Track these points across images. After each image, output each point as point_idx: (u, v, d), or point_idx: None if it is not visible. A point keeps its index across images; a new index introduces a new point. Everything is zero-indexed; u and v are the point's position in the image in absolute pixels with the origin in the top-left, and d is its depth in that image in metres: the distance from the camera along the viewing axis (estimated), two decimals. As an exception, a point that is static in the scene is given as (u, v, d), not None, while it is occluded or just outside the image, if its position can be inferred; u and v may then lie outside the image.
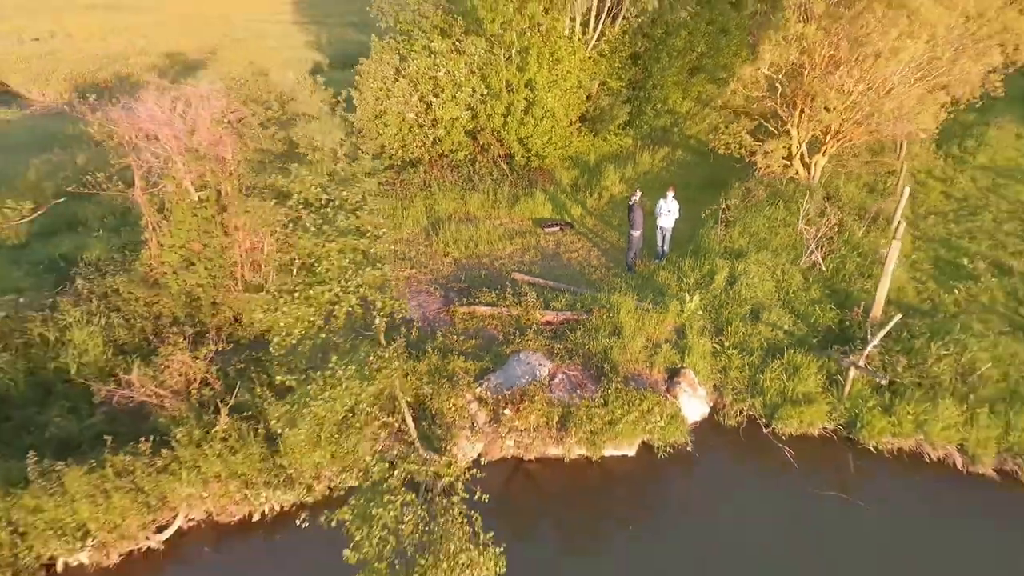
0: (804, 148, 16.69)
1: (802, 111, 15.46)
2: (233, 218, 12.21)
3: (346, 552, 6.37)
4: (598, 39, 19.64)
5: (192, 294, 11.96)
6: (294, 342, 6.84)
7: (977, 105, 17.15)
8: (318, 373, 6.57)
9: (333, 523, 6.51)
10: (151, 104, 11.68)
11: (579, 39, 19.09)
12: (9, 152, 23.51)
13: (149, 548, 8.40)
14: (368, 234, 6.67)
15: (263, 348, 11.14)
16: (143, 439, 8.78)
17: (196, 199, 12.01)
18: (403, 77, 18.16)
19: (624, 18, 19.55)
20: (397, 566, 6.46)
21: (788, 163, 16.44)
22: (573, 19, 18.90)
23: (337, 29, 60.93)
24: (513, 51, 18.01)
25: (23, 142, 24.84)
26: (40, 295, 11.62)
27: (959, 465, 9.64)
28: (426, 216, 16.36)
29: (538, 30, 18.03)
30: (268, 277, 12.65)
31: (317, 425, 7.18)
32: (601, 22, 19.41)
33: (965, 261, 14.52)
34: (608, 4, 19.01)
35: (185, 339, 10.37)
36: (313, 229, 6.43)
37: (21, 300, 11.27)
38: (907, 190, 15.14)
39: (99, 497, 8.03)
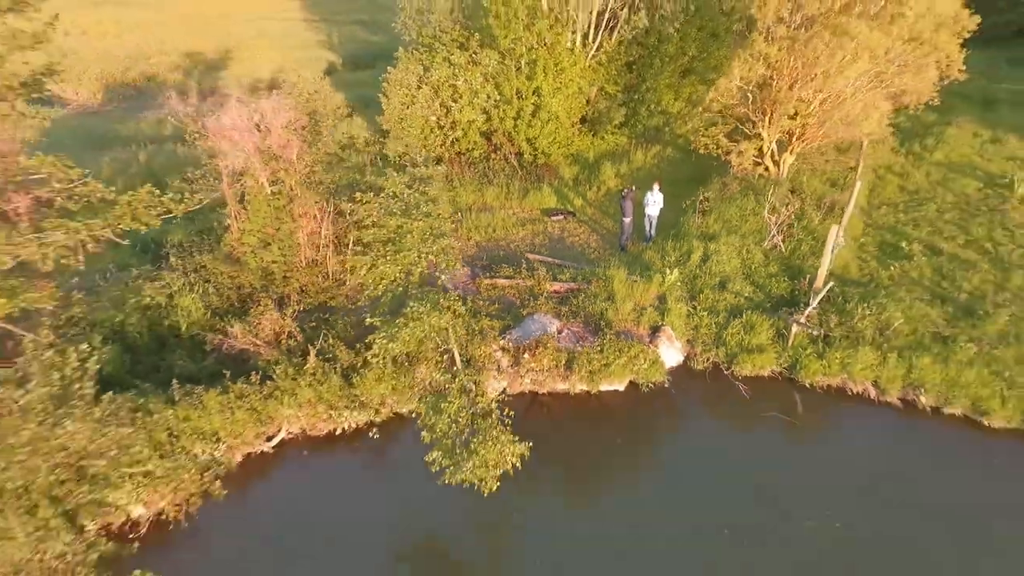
0: (774, 148, 19.64)
1: (771, 117, 18.39)
2: (298, 207, 15.16)
3: (424, 433, 9.41)
4: (597, 50, 22.56)
5: (267, 269, 14.92)
6: (379, 293, 9.84)
7: (934, 105, 20.12)
8: (407, 308, 9.55)
9: (412, 414, 9.53)
10: (234, 114, 14.60)
11: (580, 51, 22.01)
12: (67, 150, 26.32)
13: (262, 452, 11.41)
14: (437, 215, 9.64)
15: (328, 311, 14.19)
16: (251, 374, 11.76)
17: (269, 192, 14.97)
18: (426, 85, 21.04)
19: (620, 31, 22.43)
20: (456, 446, 9.48)
21: (759, 161, 19.41)
22: (575, 33, 21.80)
23: (345, 28, 63.29)
24: (522, 62, 20.91)
25: (78, 141, 27.61)
26: (146, 270, 14.58)
27: (872, 396, 12.68)
28: (450, 206, 19.27)
29: (544, 44, 20.91)
30: (326, 256, 15.67)
31: (394, 355, 10.22)
32: (599, 35, 22.32)
33: (903, 244, 17.51)
34: (606, 20, 21.90)
35: (273, 302, 13.35)
36: (398, 213, 9.40)
37: (135, 272, 14.23)
38: (859, 183, 18.15)
39: (227, 412, 11.02)
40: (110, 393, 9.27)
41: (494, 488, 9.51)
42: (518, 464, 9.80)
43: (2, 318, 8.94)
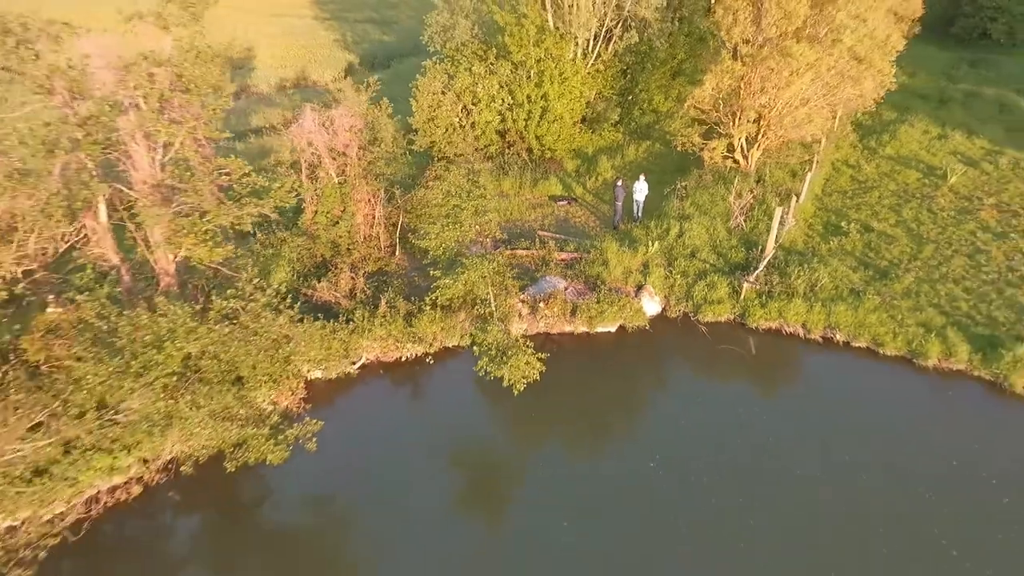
0: (743, 144, 23.95)
1: (738, 120, 22.68)
2: (357, 194, 19.43)
3: (475, 347, 13.81)
4: (595, 60, 26.83)
5: (335, 242, 19.21)
6: (440, 253, 14.21)
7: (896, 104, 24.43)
8: (464, 260, 13.90)
9: (466, 344, 13.93)
10: (309, 121, 18.84)
11: (580, 61, 26.29)
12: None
13: (348, 373, 15.75)
14: (481, 196, 13.96)
15: (384, 275, 18.50)
16: (337, 318, 16.09)
17: (336, 182, 19.25)
18: (450, 91, 25.25)
19: (615, 44, 26.67)
20: (496, 355, 13.85)
21: (730, 155, 23.74)
22: (576, 47, 26.05)
23: (358, 26, 67.30)
24: (532, 72, 25.16)
25: None
26: (243, 243, 18.85)
27: (801, 335, 17.10)
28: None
29: (550, 56, 25.14)
30: (379, 232, 19.97)
31: (450, 297, 14.64)
32: (597, 48, 26.57)
33: (843, 224, 21.89)
34: (603, 35, 26.15)
35: (347, 266, 17.69)
36: (456, 198, 13.75)
37: (233, 246, 18.50)
38: (810, 175, 22.53)
39: (325, 341, 15.34)
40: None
41: (520, 389, 13.88)
42: (538, 376, 14.18)
43: (209, 264, 13.12)
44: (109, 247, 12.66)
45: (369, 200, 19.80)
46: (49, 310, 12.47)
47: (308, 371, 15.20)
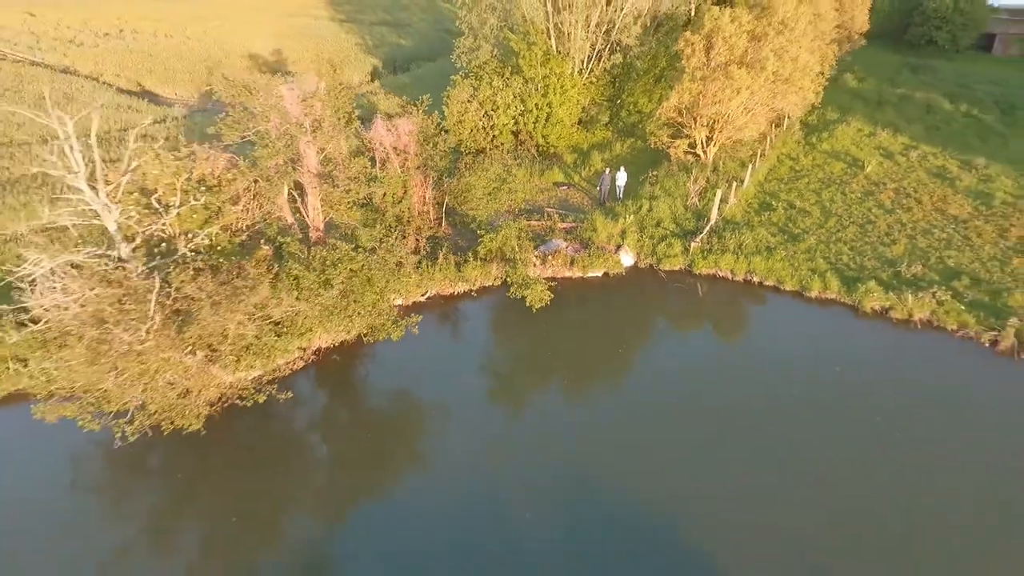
0: (703, 142, 31.90)
1: (697, 124, 30.60)
2: (414, 180, 27.30)
3: (508, 279, 21.86)
4: (589, 74, 34.73)
5: (399, 215, 27.10)
6: (483, 218, 22.14)
7: (840, 106, 32.58)
8: (500, 225, 21.84)
9: (498, 283, 22.00)
10: (380, 126, 26.68)
11: (577, 76, 34.18)
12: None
13: (417, 301, 23.73)
14: (514, 180, 21.87)
15: (435, 239, 26.39)
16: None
17: (399, 172, 27.13)
18: (474, 99, 33.08)
19: (604, 63, 34.58)
20: (522, 278, 21.88)
21: (691, 151, 31.71)
22: (573, 64, 33.93)
23: (375, 29, 74.69)
24: (539, 85, 32.99)
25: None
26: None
27: (729, 278, 25.12)
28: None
29: (554, 73, 32.99)
30: (429, 209, 27.86)
31: (491, 249, 22.70)
32: (590, 65, 34.48)
33: (773, 202, 29.90)
34: (595, 55, 34.06)
35: (411, 232, 25.64)
36: (496, 182, 21.64)
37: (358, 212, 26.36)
38: (750, 167, 30.54)
39: (402, 279, 23.26)
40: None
41: (536, 308, 21.90)
42: (548, 301, 22.20)
43: (345, 222, 21.07)
44: (287, 212, 20.51)
45: (421, 185, 27.70)
46: (262, 248, 20.11)
47: (392, 299, 23.16)
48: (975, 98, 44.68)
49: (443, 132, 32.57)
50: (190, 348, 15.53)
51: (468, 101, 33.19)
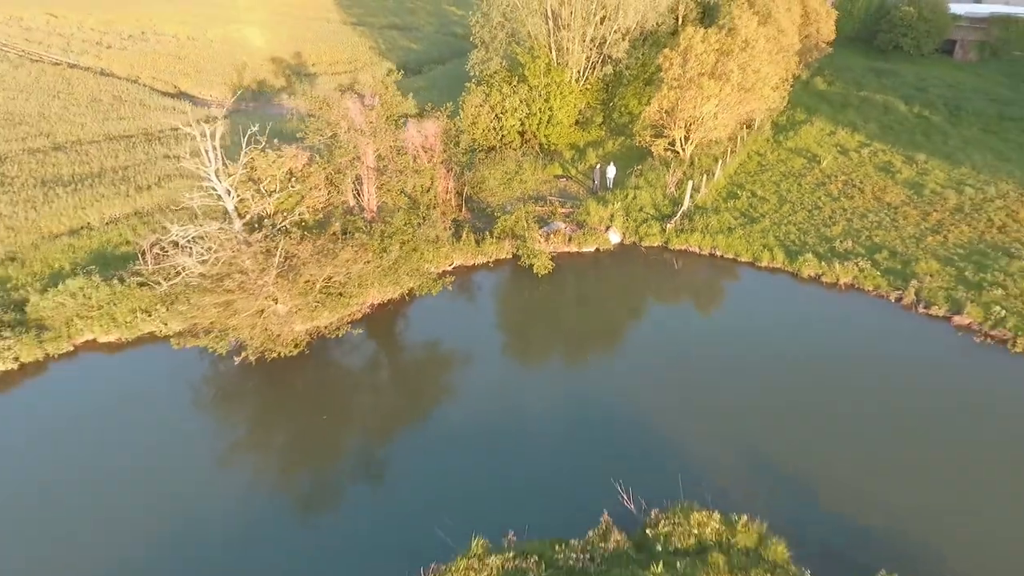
0: (681, 141, 38.23)
1: (675, 126, 36.90)
2: (439, 173, 33.60)
3: (519, 250, 28.23)
4: (584, 82, 41.06)
5: (428, 203, 33.41)
6: (500, 202, 28.43)
7: (807, 107, 38.99)
8: (510, 207, 28.15)
9: (509, 257, 28.44)
10: (413, 129, 32.95)
11: (575, 83, 40.48)
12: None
13: (445, 270, 30.06)
14: (524, 172, 28.17)
15: (459, 222, 32.77)
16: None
17: (429, 165, 33.46)
18: (486, 104, 39.35)
19: (597, 71, 40.90)
20: (531, 247, 28.28)
21: (671, 148, 38.05)
22: (571, 73, 40.26)
23: (386, 33, 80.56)
24: (542, 92, 39.27)
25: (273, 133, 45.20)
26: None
27: (697, 252, 31.55)
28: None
29: (554, 82, 39.28)
30: (451, 197, 34.20)
31: (504, 228, 29.10)
32: (586, 73, 40.82)
33: (739, 192, 36.30)
34: (590, 66, 40.39)
35: (439, 215, 32.00)
36: (509, 174, 27.91)
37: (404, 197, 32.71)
38: (721, 161, 36.93)
39: (439, 250, 29.56)
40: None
41: (541, 274, 28.30)
42: (550, 270, 28.59)
43: (396, 204, 27.47)
44: (350, 196, 26.82)
45: (445, 177, 34.00)
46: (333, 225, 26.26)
47: (428, 267, 29.50)
48: (928, 100, 51.04)
49: (459, 133, 39.08)
50: (298, 292, 21.86)
51: (480, 105, 39.46)
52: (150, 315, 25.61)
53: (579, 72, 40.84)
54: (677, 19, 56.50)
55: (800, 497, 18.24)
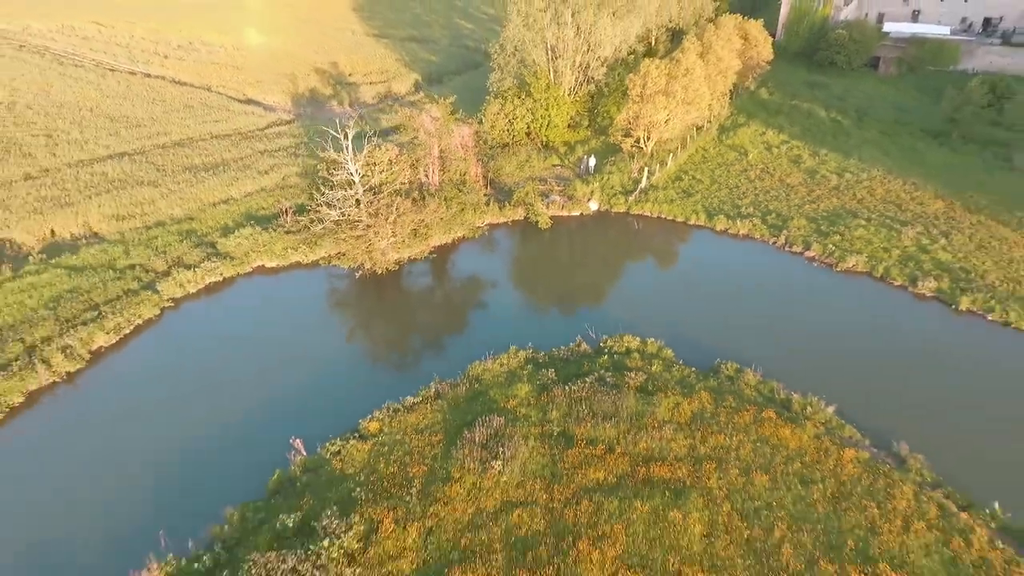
0: (644, 139, 55.26)
1: (638, 127, 53.82)
2: (471, 163, 50.51)
3: (529, 212, 45.23)
4: (574, 95, 58.18)
5: (469, 180, 50.27)
6: (514, 180, 45.28)
7: (748, 112, 56.21)
8: (525, 184, 44.99)
9: (520, 218, 45.55)
10: (456, 131, 49.79)
11: (568, 96, 57.54)
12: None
13: (480, 225, 46.87)
14: (532, 162, 44.98)
15: (486, 196, 49.82)
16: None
17: (464, 159, 50.39)
18: (501, 111, 56.36)
19: (584, 87, 57.97)
20: (534, 204, 45.26)
21: (638, 145, 55.07)
22: (564, 90, 57.33)
23: (407, 45, 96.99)
24: (543, 103, 56.26)
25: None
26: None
27: (651, 215, 48.50)
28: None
29: (552, 96, 56.25)
30: (481, 179, 51.19)
31: (520, 198, 46.06)
32: (575, 90, 57.95)
33: (684, 176, 53.40)
34: (577, 84, 57.48)
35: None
36: (522, 163, 44.71)
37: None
38: (671, 154, 54.14)
39: (479, 211, 46.31)
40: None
41: (544, 227, 45.25)
42: (549, 224, 45.54)
43: (452, 180, 44.34)
44: (423, 175, 43.73)
45: (475, 165, 50.81)
46: (415, 193, 42.94)
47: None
48: (844, 108, 68.02)
49: (486, 134, 55.95)
50: (395, 233, 38.70)
51: (497, 113, 56.35)
52: (296, 250, 42.38)
53: (570, 89, 57.79)
54: (651, 43, 74.19)
55: (682, 331, 35.06)
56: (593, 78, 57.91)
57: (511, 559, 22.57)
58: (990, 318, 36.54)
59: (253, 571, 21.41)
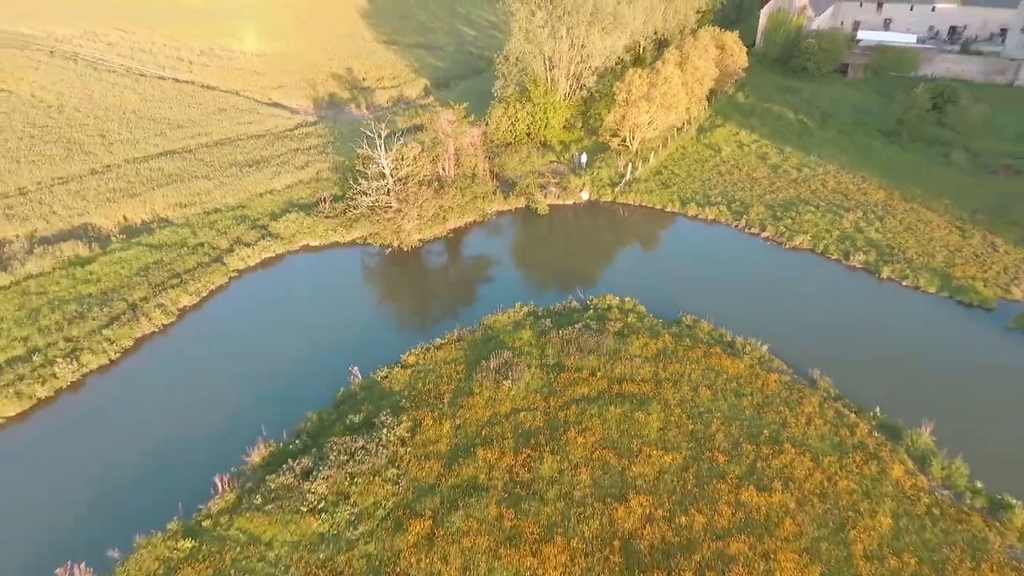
0: (629, 138, 64.79)
1: (624, 128, 63.26)
2: (480, 158, 59.97)
3: (529, 200, 54.69)
4: (569, 100, 67.77)
5: (475, 178, 59.72)
6: (518, 176, 54.73)
7: (723, 115, 65.86)
8: (524, 178, 54.46)
9: (522, 205, 54.99)
10: (470, 132, 59.19)
11: (563, 101, 67.09)
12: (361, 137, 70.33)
13: (489, 211, 56.26)
14: (533, 159, 54.47)
15: (494, 188, 59.36)
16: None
17: (474, 155, 59.85)
18: (505, 115, 65.89)
19: (577, 93, 67.52)
20: (535, 195, 54.76)
21: (624, 144, 64.57)
22: (560, 95, 66.89)
23: (415, 51, 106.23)
24: (541, 106, 65.75)
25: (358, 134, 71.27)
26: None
27: (635, 203, 57.95)
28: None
29: (550, 101, 65.74)
30: (488, 173, 60.66)
31: (523, 187, 55.54)
32: (570, 95, 67.52)
33: (664, 171, 62.91)
34: (571, 91, 67.04)
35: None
36: (524, 159, 54.15)
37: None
38: (653, 151, 63.76)
39: (487, 199, 55.71)
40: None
41: (542, 213, 54.68)
42: (547, 211, 54.98)
43: (468, 171, 53.80)
44: (441, 168, 52.95)
45: (483, 160, 60.21)
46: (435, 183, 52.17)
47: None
48: (809, 110, 77.43)
49: (492, 135, 65.40)
50: (419, 216, 48.10)
51: (502, 116, 65.77)
52: (335, 232, 51.73)
53: (565, 94, 67.23)
54: (639, 52, 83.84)
55: (655, 293, 44.36)
56: (585, 85, 67.39)
57: (518, 443, 31.92)
58: (904, 283, 45.98)
59: (334, 448, 30.73)
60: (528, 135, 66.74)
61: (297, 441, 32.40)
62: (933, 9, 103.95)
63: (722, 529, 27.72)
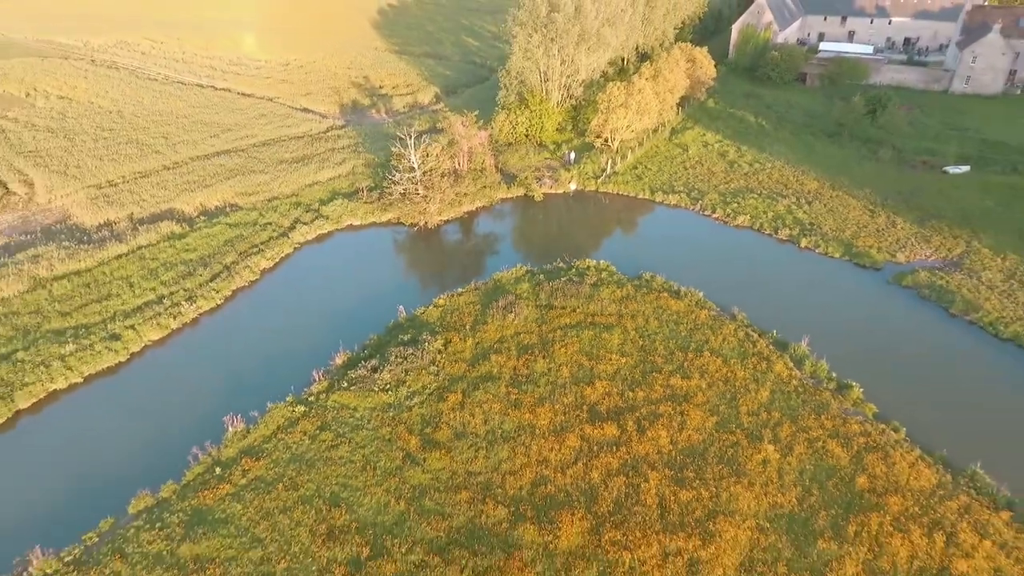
0: (611, 138, 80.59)
1: (606, 130, 78.95)
2: (487, 154, 75.67)
3: (526, 190, 70.46)
4: (561, 107, 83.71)
5: (483, 172, 75.41)
6: (518, 170, 70.37)
7: (694, 118, 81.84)
8: (524, 172, 70.10)
9: (521, 194, 70.89)
10: (479, 134, 74.83)
11: (556, 107, 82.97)
12: (382, 141, 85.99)
13: (495, 198, 71.92)
14: (531, 156, 70.11)
15: (498, 180, 75.22)
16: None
17: (483, 153, 75.58)
18: (508, 119, 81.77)
19: (568, 101, 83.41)
20: (532, 183, 70.53)
21: (607, 143, 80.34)
22: (553, 103, 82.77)
23: (424, 61, 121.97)
24: (537, 112, 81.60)
25: (380, 137, 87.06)
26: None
27: (615, 192, 73.65)
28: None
29: (544, 107, 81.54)
30: (494, 167, 76.45)
31: (523, 182, 71.25)
32: (561, 103, 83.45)
33: (639, 167, 78.73)
34: (562, 98, 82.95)
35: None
36: (523, 156, 69.72)
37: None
38: (631, 150, 79.77)
39: (495, 187, 71.35)
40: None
41: (538, 199, 70.43)
42: (542, 198, 70.70)
43: (478, 167, 69.50)
44: (457, 164, 68.50)
45: (489, 156, 75.83)
46: (452, 175, 67.67)
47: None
48: (768, 114, 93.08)
49: (496, 136, 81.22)
50: (440, 200, 63.81)
51: (504, 120, 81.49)
52: (372, 214, 67.32)
53: (557, 102, 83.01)
54: (623, 64, 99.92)
55: (624, 258, 59.89)
56: (574, 95, 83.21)
57: (519, 352, 47.48)
58: (817, 251, 61.64)
59: (392, 354, 46.24)
60: (527, 136, 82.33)
61: (364, 352, 47.95)
62: (890, 22, 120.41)
63: (655, 399, 43.31)
